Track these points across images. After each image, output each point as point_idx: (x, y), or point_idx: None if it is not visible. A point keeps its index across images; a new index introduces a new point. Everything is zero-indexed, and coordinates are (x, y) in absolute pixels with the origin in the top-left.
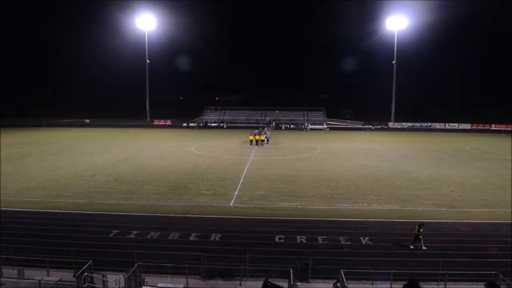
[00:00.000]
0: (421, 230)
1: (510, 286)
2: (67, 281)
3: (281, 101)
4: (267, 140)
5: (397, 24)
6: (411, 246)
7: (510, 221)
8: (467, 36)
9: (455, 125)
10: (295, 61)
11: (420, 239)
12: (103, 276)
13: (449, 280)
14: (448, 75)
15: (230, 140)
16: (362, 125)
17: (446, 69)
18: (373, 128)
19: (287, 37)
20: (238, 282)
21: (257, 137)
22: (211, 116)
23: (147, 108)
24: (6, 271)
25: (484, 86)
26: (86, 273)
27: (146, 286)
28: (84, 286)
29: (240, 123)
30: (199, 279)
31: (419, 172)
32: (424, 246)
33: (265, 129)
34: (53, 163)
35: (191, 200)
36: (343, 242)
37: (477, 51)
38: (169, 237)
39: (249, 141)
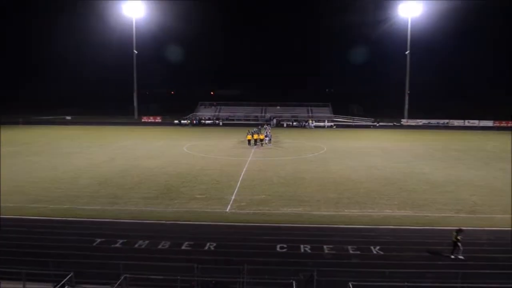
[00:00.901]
0: (459, 237)
1: None
2: None
3: (283, 96)
4: (269, 140)
5: (411, 10)
6: (452, 256)
7: None
8: (489, 23)
9: (475, 122)
10: (299, 52)
11: (458, 247)
12: None
13: None
14: (467, 67)
15: (226, 139)
16: (373, 122)
17: (466, 60)
18: (377, 125)
19: (290, 26)
20: None
21: (256, 136)
22: (205, 113)
23: (135, 103)
24: None
25: (508, 79)
26: (66, 286)
27: None
28: None
29: (238, 120)
30: None
31: (436, 174)
32: (461, 255)
33: (265, 126)
34: (30, 165)
35: (183, 205)
36: (351, 252)
37: (500, 40)
38: (159, 246)
39: (246, 141)
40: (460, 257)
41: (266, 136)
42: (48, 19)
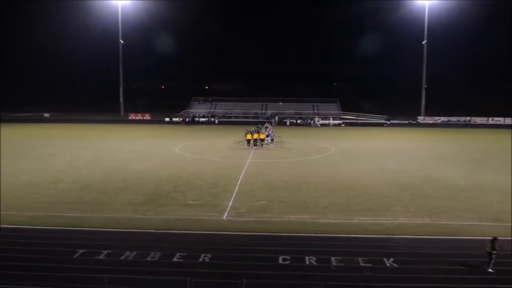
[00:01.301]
0: (496, 247)
1: None
2: None
3: (286, 91)
4: (272, 140)
5: None
6: (490, 270)
7: None
8: None
9: (500, 120)
10: (303, 41)
11: (491, 259)
12: None
13: None
14: (492, 59)
15: (222, 138)
16: (386, 120)
17: (490, 51)
18: (388, 123)
19: (293, 12)
20: None
21: (255, 136)
22: (199, 109)
23: (121, 99)
24: None
25: None
26: None
27: None
28: None
29: (236, 117)
30: None
31: (456, 177)
32: (491, 269)
33: (266, 125)
34: (3, 168)
35: (175, 213)
36: (362, 264)
37: None
38: (148, 258)
39: (245, 141)
40: (490, 270)
41: (267, 136)
42: (23, 5)
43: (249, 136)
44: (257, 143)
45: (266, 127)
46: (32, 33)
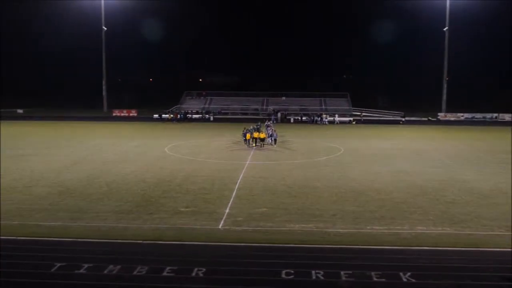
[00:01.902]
0: None
1: None
2: None
3: (289, 84)
4: (275, 140)
5: None
6: None
7: None
8: None
9: None
10: (310, 28)
11: None
12: None
13: None
14: None
15: (218, 137)
16: (402, 117)
17: None
18: (403, 120)
19: None
20: None
21: (255, 135)
22: (192, 105)
23: (104, 93)
24: None
25: None
26: None
27: None
28: None
29: (233, 114)
30: None
31: (481, 181)
32: None
33: (267, 123)
34: None
35: (165, 221)
36: (375, 279)
37: None
38: (135, 272)
39: (243, 140)
40: None
41: (270, 136)
42: None
43: (248, 136)
44: (257, 143)
45: (267, 126)
46: (2, 20)
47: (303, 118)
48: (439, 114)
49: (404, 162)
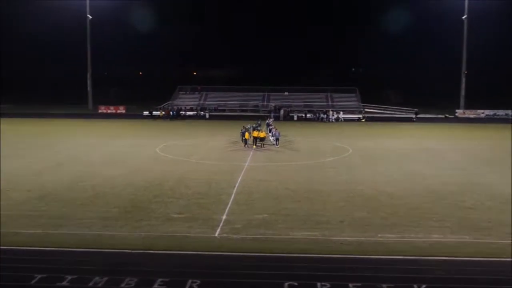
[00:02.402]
0: None
1: None
2: None
3: (292, 78)
4: (277, 140)
5: None
6: None
7: None
8: None
9: None
10: (315, 16)
11: None
12: None
13: None
14: None
15: (214, 137)
16: (416, 114)
17: None
18: (415, 117)
19: None
20: None
21: (255, 134)
22: (186, 101)
23: (89, 88)
24: None
25: None
26: None
27: None
28: None
29: (231, 111)
30: None
31: (504, 185)
32: None
33: (268, 121)
34: None
35: (156, 228)
36: None
37: None
38: (122, 285)
39: (242, 139)
40: None
41: (273, 135)
42: None
43: (247, 135)
44: (257, 143)
45: (268, 124)
46: None
47: (308, 115)
48: (457, 110)
49: (418, 163)
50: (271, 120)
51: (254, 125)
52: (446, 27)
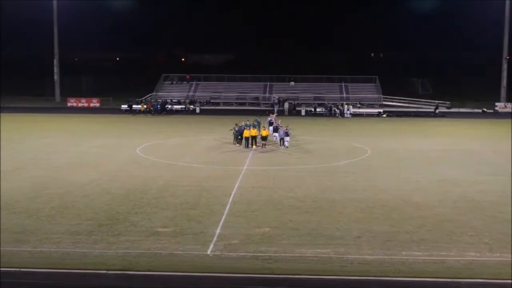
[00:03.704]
0: None
1: None
2: None
3: (299, 65)
4: (282, 140)
5: None
6: None
7: None
8: None
9: None
10: None
11: None
12: None
13: None
14: None
15: (207, 135)
16: (448, 108)
17: None
18: (436, 112)
19: None
20: None
21: (254, 132)
22: (172, 92)
23: (56, 77)
24: None
25: None
26: None
27: None
28: None
29: (225, 104)
30: None
31: None
32: None
33: (270, 119)
34: None
35: (137, 245)
36: None
37: None
38: None
39: (238, 139)
40: None
41: (285, 135)
42: None
43: (246, 133)
44: (258, 143)
45: (270, 121)
46: None
47: (318, 109)
48: (497, 104)
49: (450, 167)
50: (274, 115)
51: (254, 122)
52: (485, 5)
